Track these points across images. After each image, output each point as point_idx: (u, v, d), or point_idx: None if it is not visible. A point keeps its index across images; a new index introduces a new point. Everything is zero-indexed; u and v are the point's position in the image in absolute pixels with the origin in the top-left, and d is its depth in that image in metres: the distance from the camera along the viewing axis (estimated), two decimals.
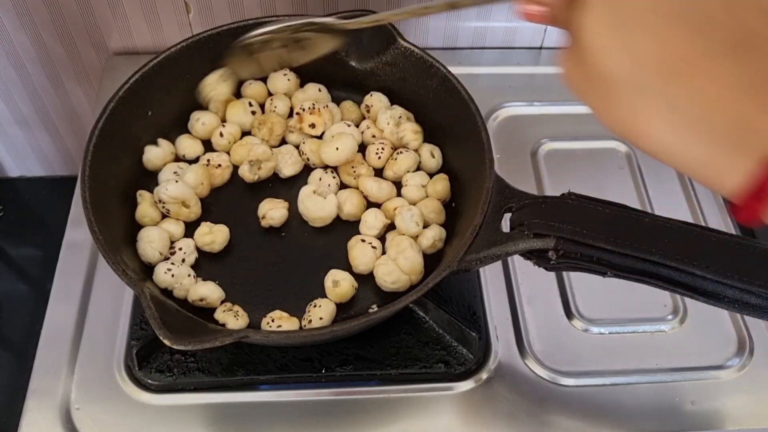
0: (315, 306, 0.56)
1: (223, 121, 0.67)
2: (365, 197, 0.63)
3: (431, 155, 0.65)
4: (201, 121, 0.66)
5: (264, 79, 0.70)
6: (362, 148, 0.67)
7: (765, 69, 0.27)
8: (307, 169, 0.66)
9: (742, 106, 0.26)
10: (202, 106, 0.67)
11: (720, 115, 0.27)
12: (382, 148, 0.65)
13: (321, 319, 0.55)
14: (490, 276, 0.66)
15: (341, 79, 0.70)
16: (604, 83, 0.29)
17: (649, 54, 0.28)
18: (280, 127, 0.66)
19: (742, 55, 0.27)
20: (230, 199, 0.64)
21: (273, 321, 0.55)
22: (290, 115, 0.68)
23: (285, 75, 0.69)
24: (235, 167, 0.65)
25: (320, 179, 0.64)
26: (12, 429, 0.57)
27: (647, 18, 0.27)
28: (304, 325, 0.56)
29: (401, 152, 0.65)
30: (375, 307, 0.58)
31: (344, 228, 0.62)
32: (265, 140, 0.66)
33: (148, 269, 0.58)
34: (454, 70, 0.63)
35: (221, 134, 0.65)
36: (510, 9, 0.82)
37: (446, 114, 0.64)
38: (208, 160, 0.64)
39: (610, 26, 0.29)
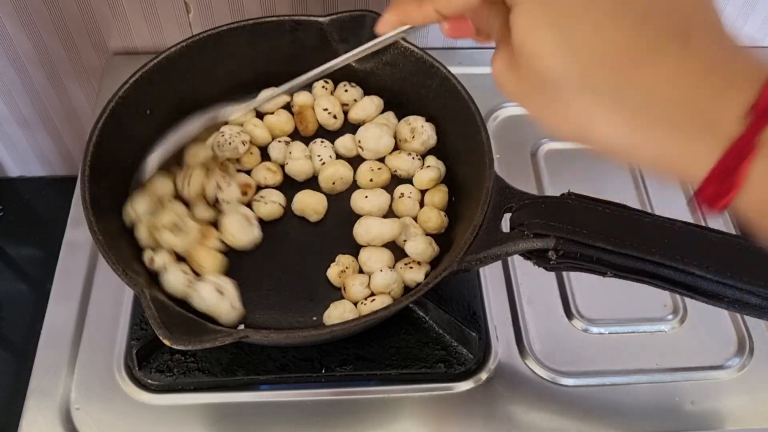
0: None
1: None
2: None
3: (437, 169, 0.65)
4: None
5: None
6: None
7: (708, 52, 0.26)
8: None
9: (695, 92, 0.26)
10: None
11: (673, 105, 0.26)
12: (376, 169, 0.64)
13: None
14: (490, 276, 0.66)
15: (341, 79, 0.70)
16: (543, 85, 0.28)
17: (590, 51, 0.26)
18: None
19: (685, 42, 0.26)
20: None
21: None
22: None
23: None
24: None
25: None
26: (12, 429, 0.57)
27: (586, 14, 0.26)
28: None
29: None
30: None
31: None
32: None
33: (148, 270, 0.58)
34: (454, 70, 0.63)
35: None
36: None
37: (446, 114, 0.64)
38: None
39: (546, 24, 0.27)
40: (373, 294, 0.57)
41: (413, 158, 0.64)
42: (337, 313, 0.56)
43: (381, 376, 0.60)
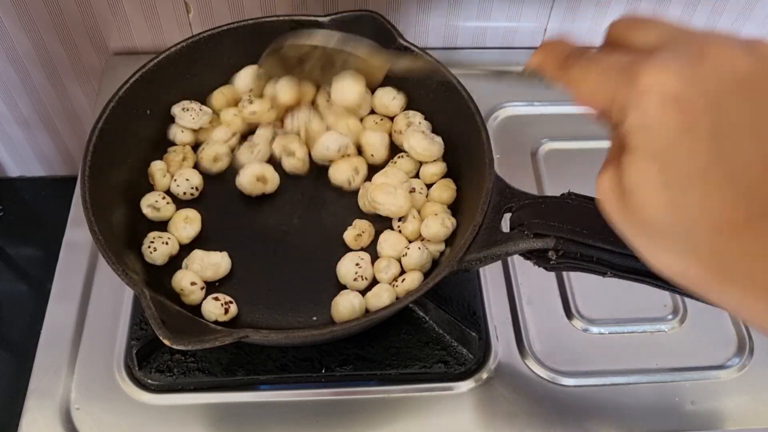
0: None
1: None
2: None
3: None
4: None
5: None
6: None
7: None
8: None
9: None
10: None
11: (764, 271, 0.27)
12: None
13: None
14: (490, 276, 0.66)
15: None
16: (647, 226, 0.30)
17: (697, 214, 0.28)
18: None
19: None
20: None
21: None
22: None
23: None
24: None
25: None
26: (12, 429, 0.57)
27: (698, 180, 0.28)
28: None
29: (402, 156, 0.64)
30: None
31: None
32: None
33: (148, 269, 0.58)
34: (454, 70, 0.63)
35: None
36: (509, 9, 0.82)
37: (446, 114, 0.64)
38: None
39: (661, 184, 0.28)
40: (403, 272, 0.58)
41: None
42: (345, 302, 0.56)
43: (381, 376, 0.60)
